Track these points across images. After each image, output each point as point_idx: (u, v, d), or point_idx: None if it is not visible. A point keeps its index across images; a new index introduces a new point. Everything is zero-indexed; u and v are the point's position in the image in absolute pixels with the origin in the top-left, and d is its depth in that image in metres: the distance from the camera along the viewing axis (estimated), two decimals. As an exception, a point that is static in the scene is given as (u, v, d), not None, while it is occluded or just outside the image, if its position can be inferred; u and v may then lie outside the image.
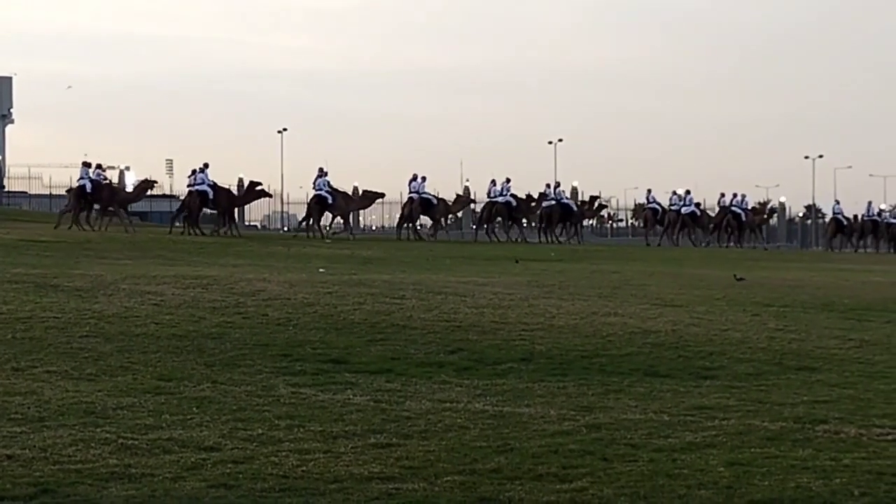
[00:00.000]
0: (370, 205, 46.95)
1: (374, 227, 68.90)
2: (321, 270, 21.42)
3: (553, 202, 45.82)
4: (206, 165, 39.38)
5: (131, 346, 12.00)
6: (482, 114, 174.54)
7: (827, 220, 56.55)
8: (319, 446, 8.11)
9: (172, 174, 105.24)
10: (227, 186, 40.75)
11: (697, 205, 49.75)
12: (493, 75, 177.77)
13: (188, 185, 39.55)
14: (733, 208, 49.32)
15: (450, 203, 46.32)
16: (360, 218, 57.48)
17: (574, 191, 58.47)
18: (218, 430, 8.53)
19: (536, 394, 10.38)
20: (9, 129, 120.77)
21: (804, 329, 15.03)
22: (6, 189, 72.81)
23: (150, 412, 9.07)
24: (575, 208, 47.30)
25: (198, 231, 37.54)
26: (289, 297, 15.90)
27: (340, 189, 42.04)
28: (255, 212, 66.99)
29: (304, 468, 7.50)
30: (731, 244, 48.57)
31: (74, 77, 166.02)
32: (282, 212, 78.06)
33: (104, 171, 38.50)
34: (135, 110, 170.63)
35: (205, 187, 38.55)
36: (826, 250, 51.11)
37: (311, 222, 40.40)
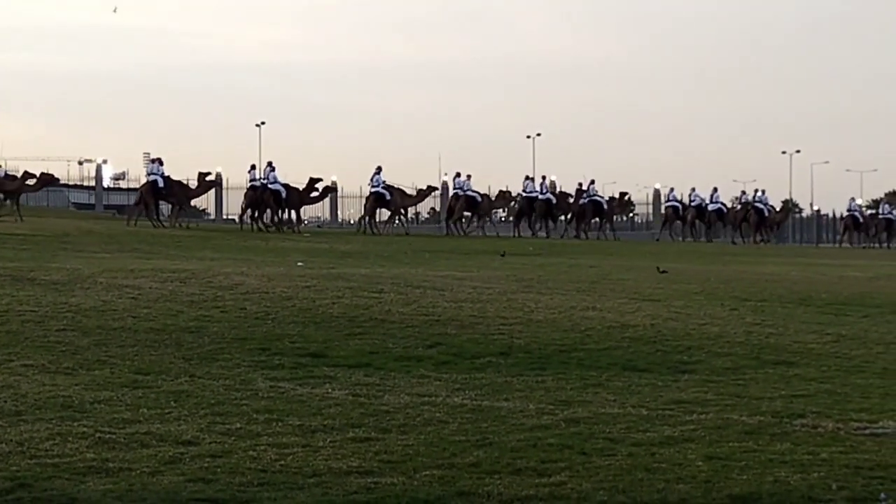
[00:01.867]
0: (422, 201, 47.74)
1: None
2: (299, 264, 21.38)
3: (587, 199, 46.53)
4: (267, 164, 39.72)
5: (108, 339, 11.95)
6: (461, 108, 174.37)
7: (841, 216, 57.04)
8: (298, 440, 8.09)
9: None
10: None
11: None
12: (471, 70, 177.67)
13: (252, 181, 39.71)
14: (756, 204, 50.14)
15: (493, 200, 46.87)
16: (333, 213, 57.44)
17: (552, 185, 58.50)
18: (196, 424, 8.50)
19: (515, 388, 10.39)
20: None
21: (782, 323, 15.08)
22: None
23: (128, 406, 9.03)
24: (606, 206, 47.77)
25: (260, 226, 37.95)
26: (267, 291, 15.87)
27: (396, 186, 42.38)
28: (233, 206, 66.71)
29: (282, 462, 7.48)
30: (749, 240, 49.01)
31: (52, 70, 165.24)
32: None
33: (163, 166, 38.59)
34: (111, 103, 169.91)
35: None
36: (838, 246, 51.45)
37: (368, 219, 41.09)
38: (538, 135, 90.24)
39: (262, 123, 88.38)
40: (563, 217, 47.96)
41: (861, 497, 7.04)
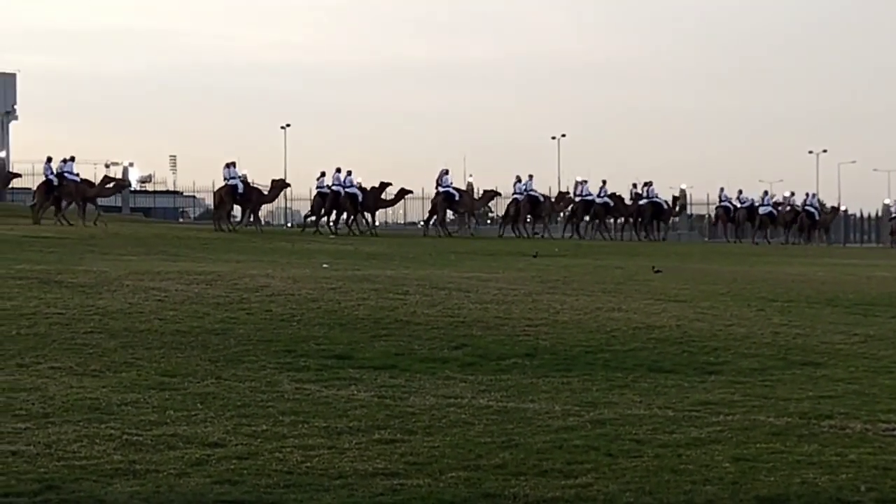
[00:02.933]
0: (488, 202, 48.00)
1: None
2: (325, 266, 21.41)
3: (646, 201, 46.54)
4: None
5: (135, 342, 11.99)
6: (486, 109, 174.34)
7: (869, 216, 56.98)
8: (324, 442, 8.10)
9: (175, 170, 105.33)
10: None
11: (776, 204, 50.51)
12: (496, 70, 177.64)
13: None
14: (807, 208, 50.40)
15: (554, 202, 47.08)
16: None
17: (576, 185, 58.43)
18: (222, 425, 8.52)
19: (541, 389, 10.38)
20: (12, 125, 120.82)
21: (809, 324, 15.01)
22: (10, 185, 72.80)
23: (155, 408, 9.06)
24: (666, 206, 47.83)
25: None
26: (292, 293, 15.90)
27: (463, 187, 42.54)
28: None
29: (308, 464, 7.49)
30: (794, 241, 49.14)
31: (78, 73, 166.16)
32: (286, 208, 78.04)
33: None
34: (138, 106, 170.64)
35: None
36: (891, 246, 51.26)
37: (435, 220, 41.63)
38: (563, 136, 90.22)
39: (287, 125, 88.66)
40: (617, 220, 47.83)
41: (890, 498, 7.00)
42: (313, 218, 41.13)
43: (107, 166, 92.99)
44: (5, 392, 9.42)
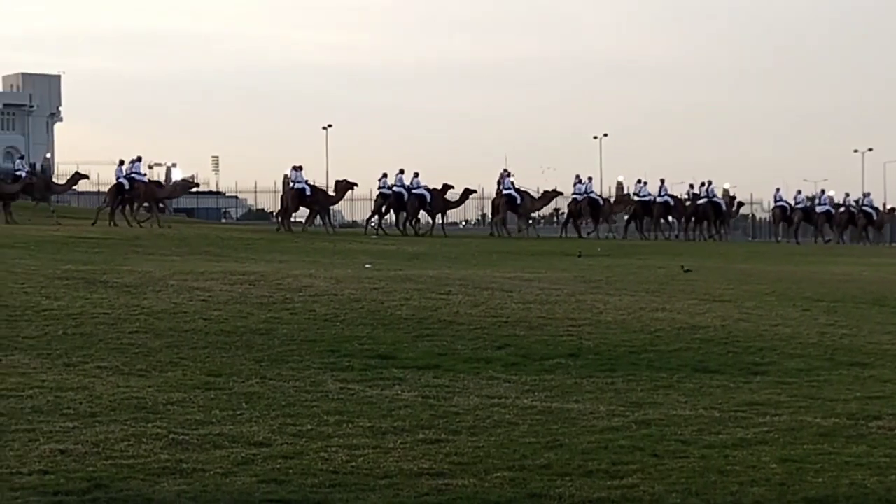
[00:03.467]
0: (549, 203, 48.28)
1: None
2: (367, 266, 21.45)
3: (706, 200, 46.37)
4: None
5: (180, 341, 12.06)
6: (527, 109, 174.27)
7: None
8: (369, 442, 8.11)
9: (218, 171, 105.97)
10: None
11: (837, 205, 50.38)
12: (537, 70, 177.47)
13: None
14: (864, 208, 50.37)
15: (613, 203, 47.20)
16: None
17: (619, 185, 58.28)
18: (267, 425, 8.55)
19: (585, 389, 10.35)
20: (57, 126, 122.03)
21: (855, 324, 14.89)
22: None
23: (200, 407, 9.11)
24: (724, 207, 47.78)
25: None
26: (335, 293, 15.93)
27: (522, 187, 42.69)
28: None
29: (353, 464, 7.50)
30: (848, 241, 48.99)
31: (122, 75, 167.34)
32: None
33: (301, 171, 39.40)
34: (181, 107, 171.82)
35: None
36: None
37: (499, 221, 41.94)
38: (605, 135, 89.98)
39: (329, 126, 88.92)
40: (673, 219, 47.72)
41: (940, 500, 6.92)
42: (375, 218, 41.32)
43: (150, 167, 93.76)
44: (53, 391, 9.50)
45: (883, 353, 12.74)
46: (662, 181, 46.42)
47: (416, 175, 41.15)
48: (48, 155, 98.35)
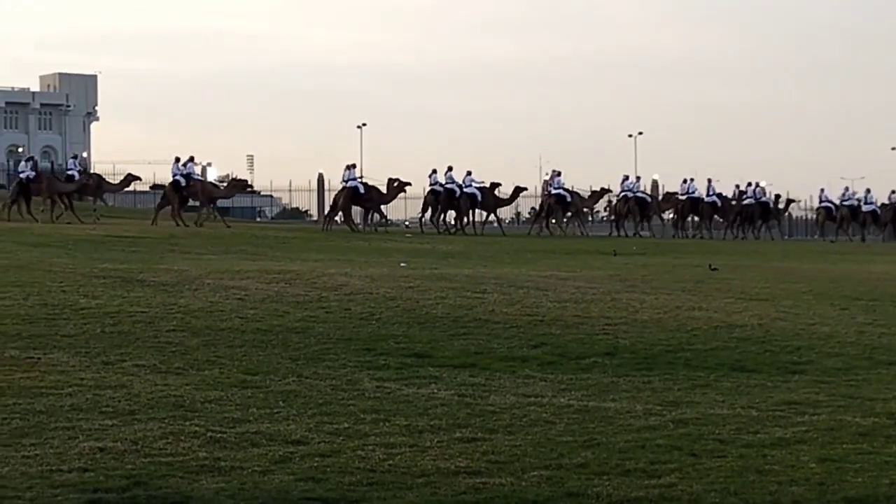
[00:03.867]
0: (598, 202, 48.96)
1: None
2: (402, 265, 21.46)
3: (753, 201, 46.47)
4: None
5: (217, 340, 12.11)
6: (561, 107, 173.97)
7: None
8: (405, 440, 8.12)
9: (253, 169, 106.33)
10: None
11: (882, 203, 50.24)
12: (571, 68, 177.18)
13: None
14: None
15: (661, 201, 47.39)
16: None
17: (654, 184, 58.14)
18: (304, 423, 8.58)
19: (621, 388, 10.32)
20: (94, 126, 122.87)
21: (894, 323, 14.77)
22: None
23: (238, 406, 9.14)
24: (773, 206, 47.85)
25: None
26: (371, 292, 15.96)
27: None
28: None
29: (390, 462, 7.51)
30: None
31: (158, 74, 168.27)
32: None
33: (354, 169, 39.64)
34: (215, 106, 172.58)
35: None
36: None
37: (551, 220, 42.36)
38: (640, 133, 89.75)
39: (364, 125, 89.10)
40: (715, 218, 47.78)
41: (982, 501, 6.86)
42: (427, 216, 41.50)
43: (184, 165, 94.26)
44: (92, 389, 9.56)
45: (922, 352, 12.63)
46: (710, 180, 46.57)
47: (469, 174, 41.41)
48: (84, 154, 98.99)
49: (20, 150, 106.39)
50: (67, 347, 11.43)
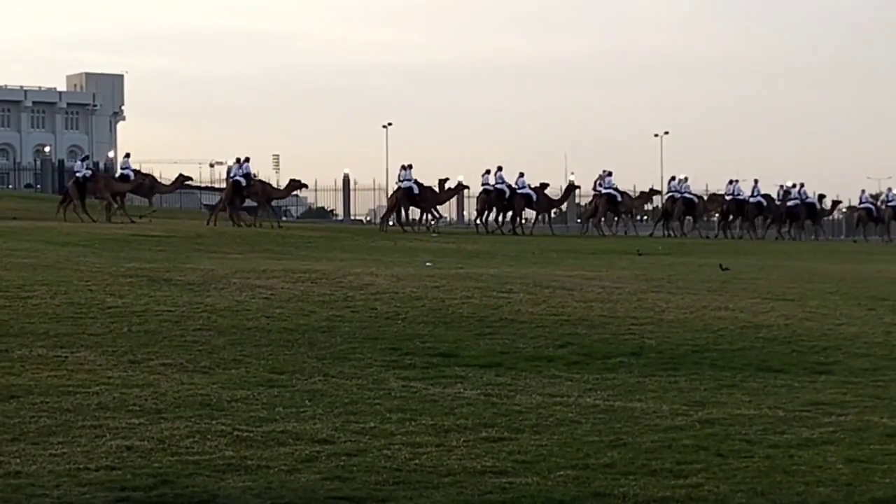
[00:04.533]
0: (647, 202, 49.79)
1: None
2: (428, 264, 21.47)
3: (798, 201, 46.63)
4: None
5: (243, 339, 12.14)
6: (586, 106, 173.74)
7: None
8: (431, 440, 8.13)
9: (279, 169, 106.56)
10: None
11: None
12: (597, 67, 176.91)
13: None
14: None
15: (707, 202, 47.47)
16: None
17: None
18: (331, 422, 8.59)
19: (648, 388, 10.30)
20: (120, 125, 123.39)
21: (922, 323, 14.69)
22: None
23: (264, 405, 9.17)
24: (818, 207, 48.04)
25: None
26: (396, 291, 15.97)
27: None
28: (360, 206, 67.41)
29: (416, 461, 7.52)
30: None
31: (183, 74, 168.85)
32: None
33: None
34: (241, 106, 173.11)
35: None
36: None
37: (600, 219, 42.77)
38: (666, 133, 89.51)
39: (389, 124, 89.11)
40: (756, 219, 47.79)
41: None
42: (483, 217, 41.74)
43: (211, 165, 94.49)
44: (119, 388, 9.60)
45: (950, 353, 12.56)
46: (756, 181, 46.63)
47: (522, 175, 41.77)
48: (111, 154, 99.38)
49: (47, 149, 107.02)
50: (94, 346, 11.48)
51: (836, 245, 42.74)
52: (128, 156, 40.91)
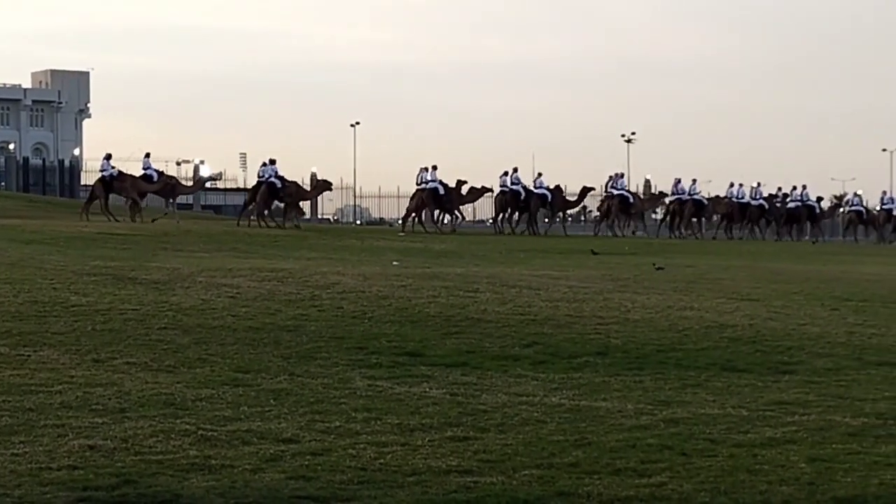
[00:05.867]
0: (656, 205, 50.60)
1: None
2: (395, 264, 21.47)
3: (799, 203, 47.59)
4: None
5: (209, 338, 12.10)
6: (555, 107, 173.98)
7: None
8: (397, 439, 8.12)
9: (246, 168, 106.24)
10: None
11: None
12: (566, 68, 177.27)
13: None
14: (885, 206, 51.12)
15: (717, 204, 47.94)
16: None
17: (647, 184, 58.23)
18: (296, 422, 8.58)
19: (613, 388, 10.33)
20: (86, 123, 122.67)
21: (884, 324, 14.80)
22: (83, 183, 73.80)
23: (229, 404, 9.14)
24: (818, 210, 48.97)
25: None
26: (363, 290, 15.96)
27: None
28: (327, 205, 67.43)
29: (381, 461, 7.51)
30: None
31: (150, 71, 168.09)
32: (354, 205, 78.45)
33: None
34: (209, 104, 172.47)
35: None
36: None
37: (616, 223, 43.75)
38: (633, 134, 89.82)
39: (357, 123, 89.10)
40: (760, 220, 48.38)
41: (971, 501, 6.88)
42: (501, 216, 42.24)
43: (178, 164, 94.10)
44: (82, 387, 9.54)
45: (913, 353, 12.66)
46: (758, 184, 47.71)
47: (539, 175, 42.55)
48: (76, 152, 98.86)
49: (11, 146, 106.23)
50: (58, 345, 11.42)
51: (801, 246, 42.95)
52: (148, 155, 40.04)
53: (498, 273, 19.57)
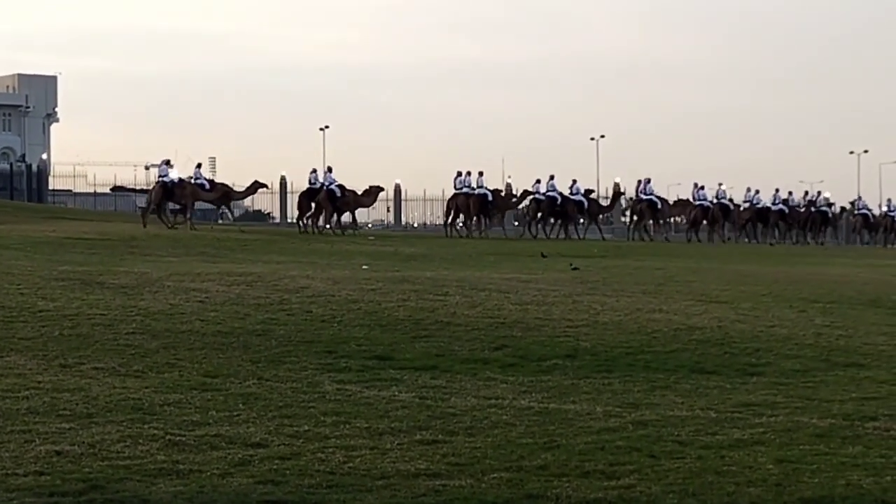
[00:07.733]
0: (682, 212, 50.11)
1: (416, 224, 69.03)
2: (364, 267, 21.44)
3: (815, 209, 48.71)
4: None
5: (177, 342, 12.06)
6: (524, 109, 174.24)
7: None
8: (366, 443, 8.12)
9: (215, 171, 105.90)
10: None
11: None
12: (535, 70, 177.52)
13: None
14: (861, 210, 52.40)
15: (740, 211, 48.44)
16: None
17: (616, 187, 58.37)
18: (264, 426, 8.56)
19: (582, 390, 10.35)
20: (54, 127, 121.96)
21: (851, 325, 14.90)
22: (51, 187, 73.33)
23: (197, 408, 9.11)
24: (831, 215, 50.00)
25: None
26: (333, 294, 15.93)
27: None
28: (296, 209, 67.20)
29: (350, 464, 7.51)
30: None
31: (119, 75, 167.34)
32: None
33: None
34: (178, 108, 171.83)
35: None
36: None
37: (644, 225, 44.19)
38: (602, 136, 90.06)
39: (326, 127, 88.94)
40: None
41: (936, 501, 6.93)
42: (537, 222, 42.71)
43: (146, 168, 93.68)
44: (49, 392, 9.49)
45: (879, 355, 12.76)
46: (777, 190, 48.63)
47: (575, 182, 43.30)
48: (44, 156, 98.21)
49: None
50: (25, 350, 11.35)
51: (770, 248, 43.16)
52: (199, 166, 39.45)
53: (467, 276, 19.58)
